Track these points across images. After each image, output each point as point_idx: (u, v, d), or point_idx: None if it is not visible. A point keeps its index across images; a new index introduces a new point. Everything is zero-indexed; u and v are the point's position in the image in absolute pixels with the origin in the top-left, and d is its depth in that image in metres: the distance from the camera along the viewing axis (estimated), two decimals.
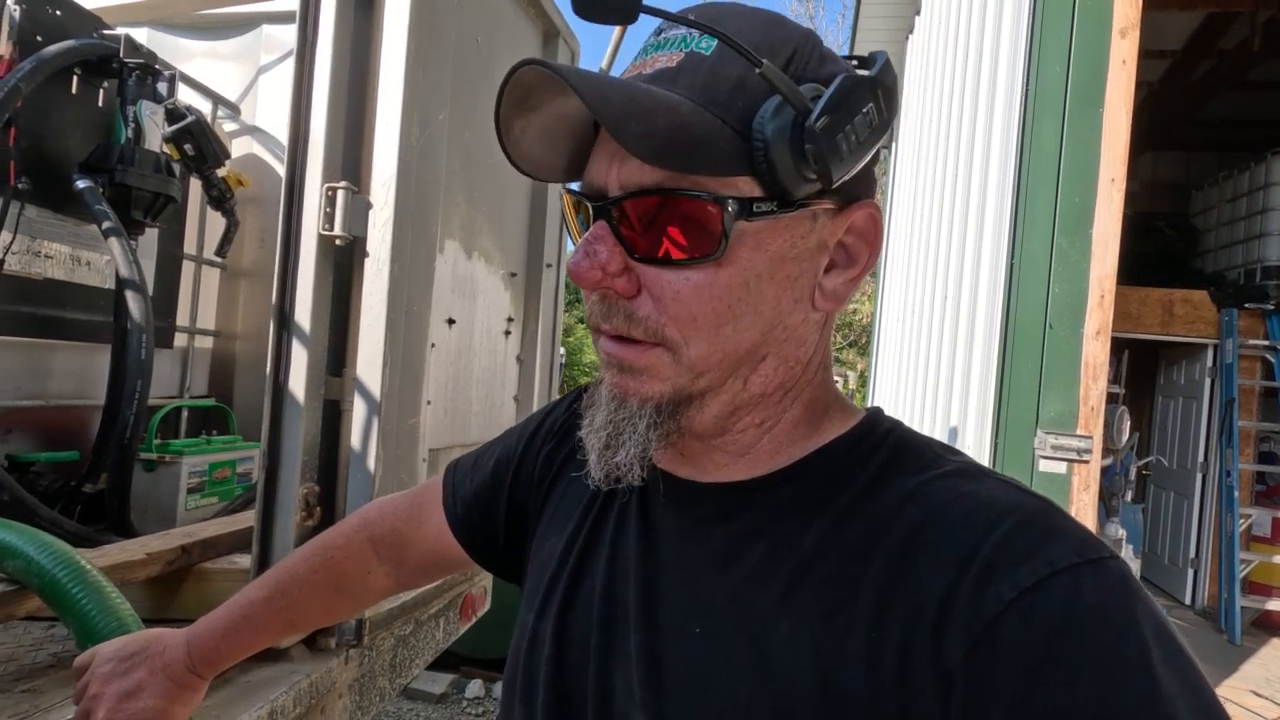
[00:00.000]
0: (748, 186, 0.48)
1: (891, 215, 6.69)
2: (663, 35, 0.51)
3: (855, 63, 0.51)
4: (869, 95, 0.48)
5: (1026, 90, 2.90)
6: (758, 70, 0.46)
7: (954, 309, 3.79)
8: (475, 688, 4.28)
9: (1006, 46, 3.29)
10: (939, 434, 3.78)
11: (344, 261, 1.67)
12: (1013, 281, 2.86)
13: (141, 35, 2.84)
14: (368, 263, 1.65)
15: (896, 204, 6.66)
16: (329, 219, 1.58)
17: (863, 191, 0.53)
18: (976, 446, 3.11)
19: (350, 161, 1.65)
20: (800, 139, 0.47)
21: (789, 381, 0.54)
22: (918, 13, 6.12)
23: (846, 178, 0.49)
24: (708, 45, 0.49)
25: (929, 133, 5.17)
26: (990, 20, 3.64)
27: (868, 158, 0.50)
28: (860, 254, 0.54)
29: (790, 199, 0.49)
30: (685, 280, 0.49)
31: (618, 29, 2.80)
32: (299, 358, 1.58)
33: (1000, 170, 3.19)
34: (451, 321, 2.03)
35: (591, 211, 0.51)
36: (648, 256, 0.49)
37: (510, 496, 0.73)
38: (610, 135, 0.46)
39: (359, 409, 1.65)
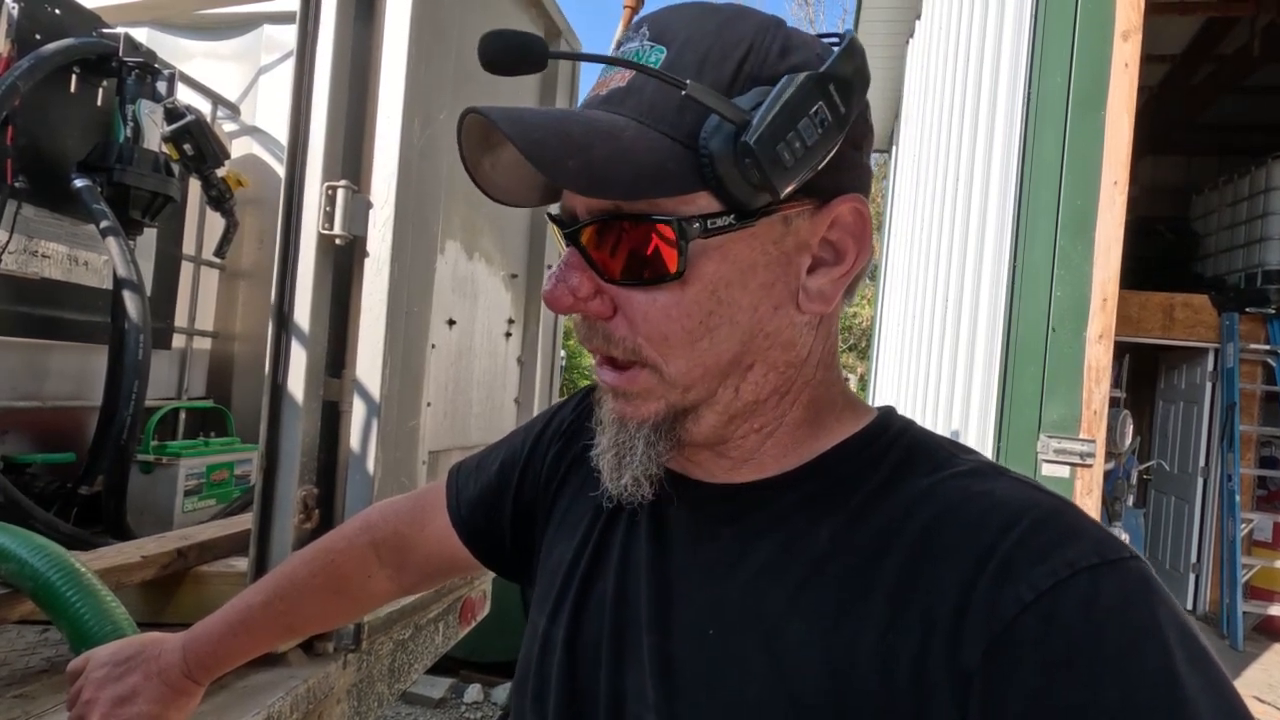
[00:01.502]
0: (707, 202, 0.47)
1: (892, 218, 6.69)
2: (620, 50, 0.51)
3: (837, 39, 0.50)
4: (817, 94, 0.46)
5: (1028, 93, 2.89)
6: (682, 93, 0.45)
7: (955, 312, 3.79)
8: (474, 692, 4.26)
9: (1008, 50, 3.29)
10: None
11: (344, 261, 1.66)
12: (1015, 285, 2.85)
13: (141, 35, 2.83)
14: (368, 263, 1.64)
15: (897, 207, 6.66)
16: (329, 218, 1.57)
17: (849, 184, 0.51)
18: (978, 450, 3.10)
19: (350, 160, 1.64)
20: (740, 153, 0.45)
21: (783, 386, 0.53)
22: (918, 16, 6.12)
23: (799, 183, 0.47)
24: (656, 59, 0.48)
25: (930, 135, 5.17)
26: (991, 24, 3.64)
27: (826, 158, 0.47)
28: (847, 250, 0.52)
29: (748, 211, 0.48)
30: (653, 301, 0.49)
31: (618, 29, 2.79)
32: (298, 358, 1.57)
33: (1002, 173, 3.18)
34: (452, 323, 2.02)
35: (563, 237, 0.52)
36: (615, 279, 0.50)
37: (516, 498, 0.72)
38: (547, 177, 0.46)
39: (358, 410, 1.64)
